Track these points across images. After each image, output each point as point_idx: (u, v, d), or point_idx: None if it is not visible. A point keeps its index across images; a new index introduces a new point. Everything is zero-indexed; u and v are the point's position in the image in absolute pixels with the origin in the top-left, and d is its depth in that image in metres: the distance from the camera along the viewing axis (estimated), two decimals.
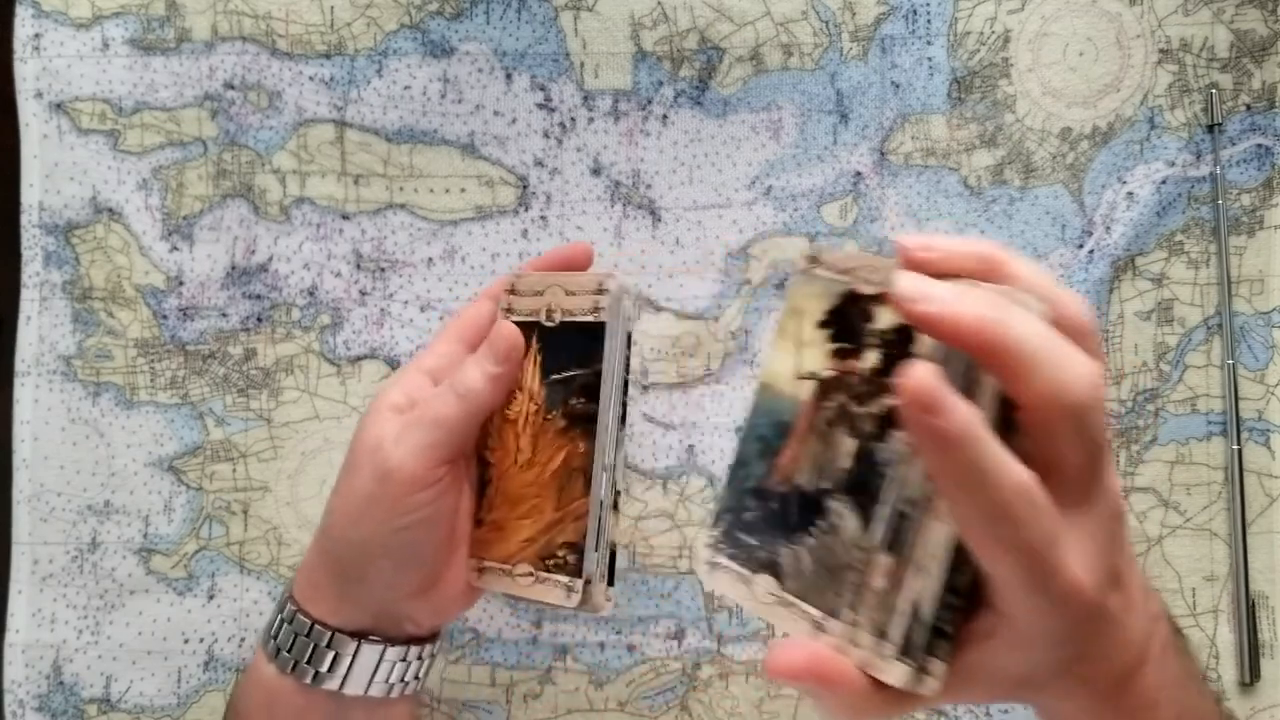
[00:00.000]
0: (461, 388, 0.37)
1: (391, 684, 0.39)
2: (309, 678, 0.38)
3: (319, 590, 0.38)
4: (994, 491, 0.26)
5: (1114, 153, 0.48)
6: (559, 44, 0.48)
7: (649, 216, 0.49)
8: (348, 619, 0.38)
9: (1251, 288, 0.48)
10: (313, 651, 0.38)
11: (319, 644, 0.38)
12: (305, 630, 0.38)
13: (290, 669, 0.38)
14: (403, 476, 0.36)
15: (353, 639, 0.38)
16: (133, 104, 0.49)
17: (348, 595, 0.38)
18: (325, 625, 0.38)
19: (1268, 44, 0.48)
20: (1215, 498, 0.47)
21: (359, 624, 0.38)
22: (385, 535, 0.37)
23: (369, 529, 0.37)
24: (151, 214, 0.49)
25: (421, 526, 0.37)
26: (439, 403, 0.37)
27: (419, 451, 0.36)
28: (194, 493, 0.49)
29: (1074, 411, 0.27)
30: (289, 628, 0.38)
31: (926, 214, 0.48)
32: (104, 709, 0.48)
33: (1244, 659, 0.46)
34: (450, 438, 0.36)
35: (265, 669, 0.39)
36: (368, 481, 0.37)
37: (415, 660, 0.39)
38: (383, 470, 0.36)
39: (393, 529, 0.36)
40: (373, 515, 0.37)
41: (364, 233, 0.49)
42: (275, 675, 0.38)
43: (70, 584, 0.48)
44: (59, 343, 0.49)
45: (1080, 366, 0.27)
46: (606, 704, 0.48)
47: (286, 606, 0.39)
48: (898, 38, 0.48)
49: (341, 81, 0.49)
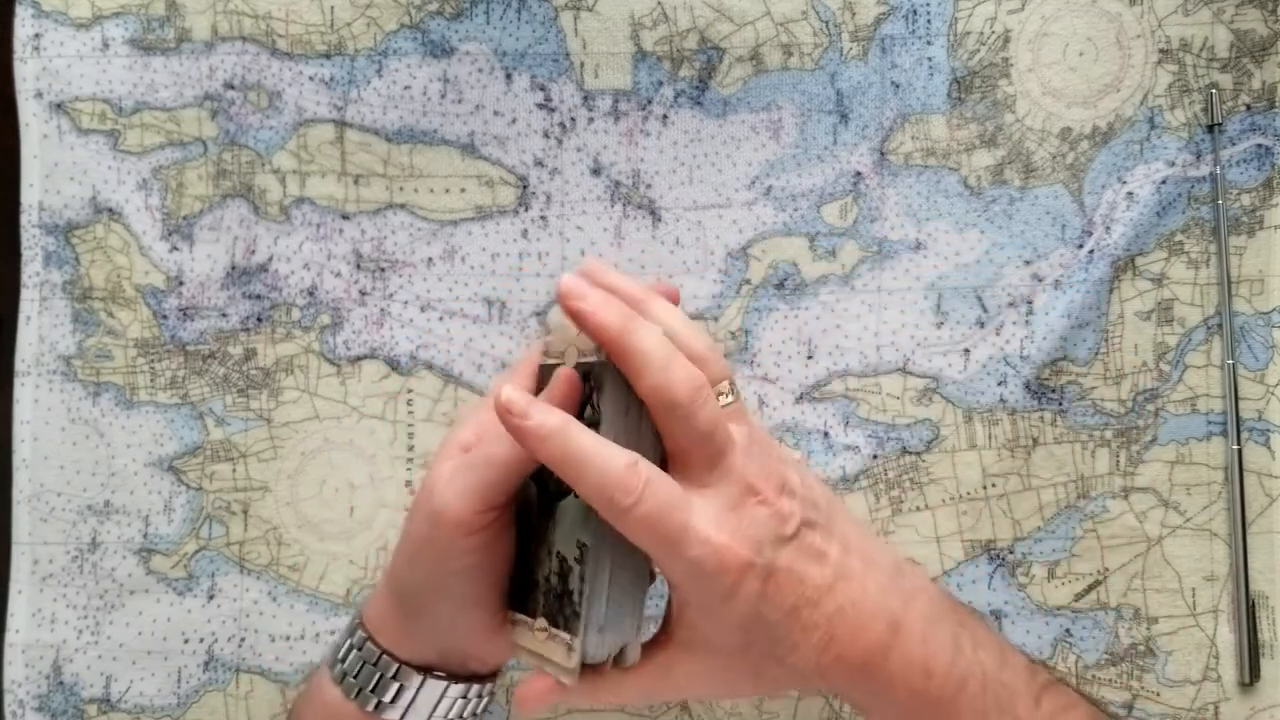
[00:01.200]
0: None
1: (450, 718, 0.39)
2: (371, 705, 0.38)
3: (386, 622, 0.38)
4: (596, 470, 0.32)
5: (1114, 153, 0.48)
6: (559, 44, 0.48)
7: (649, 216, 0.49)
8: (414, 653, 0.38)
9: (1251, 288, 0.48)
10: (379, 681, 0.38)
11: (385, 674, 0.38)
12: (374, 659, 0.38)
13: (354, 695, 0.38)
14: (450, 519, 0.35)
15: (419, 673, 0.38)
16: (133, 104, 0.49)
17: (412, 631, 0.38)
18: (393, 657, 0.38)
19: (1268, 44, 0.48)
20: (1215, 498, 0.47)
21: (425, 659, 0.38)
22: (440, 578, 0.36)
23: (423, 572, 0.37)
24: (151, 214, 0.49)
25: (476, 571, 0.36)
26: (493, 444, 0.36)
27: (467, 494, 0.35)
28: (194, 493, 0.49)
29: (675, 407, 0.33)
30: (357, 654, 0.38)
31: (926, 214, 0.48)
32: (104, 709, 0.48)
33: (1244, 659, 0.46)
34: (501, 480, 0.35)
35: (329, 691, 0.39)
36: (421, 524, 0.36)
37: (475, 698, 0.39)
38: (432, 512, 0.36)
39: (447, 572, 0.36)
40: (425, 558, 0.36)
41: (364, 233, 0.49)
42: (339, 699, 0.38)
43: (70, 584, 0.48)
44: (59, 343, 0.49)
45: (681, 371, 0.33)
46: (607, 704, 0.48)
47: (357, 633, 0.39)
48: (898, 38, 0.48)
49: (341, 81, 0.49)
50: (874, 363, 0.48)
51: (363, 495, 0.49)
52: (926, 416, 0.48)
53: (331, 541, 0.48)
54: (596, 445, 0.33)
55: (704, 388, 0.34)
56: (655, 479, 0.33)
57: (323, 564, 0.48)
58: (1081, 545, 0.47)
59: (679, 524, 0.33)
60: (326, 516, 0.49)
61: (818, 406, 0.48)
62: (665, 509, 0.32)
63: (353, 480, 0.49)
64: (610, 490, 0.32)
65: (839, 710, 0.48)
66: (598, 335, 0.34)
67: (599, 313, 0.34)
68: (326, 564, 0.48)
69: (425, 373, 0.49)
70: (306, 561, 0.49)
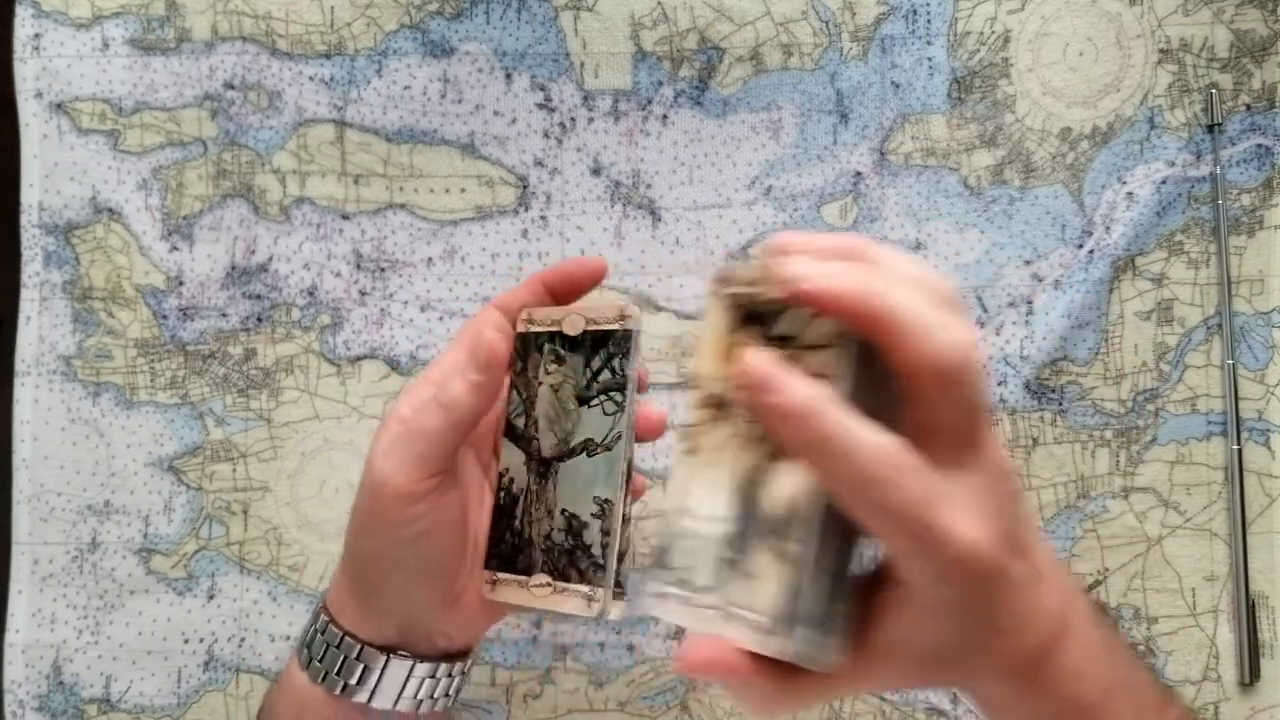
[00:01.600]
0: (445, 398, 0.36)
1: (420, 700, 0.39)
2: (339, 689, 0.38)
3: (346, 604, 0.38)
4: (852, 456, 0.27)
5: (1114, 153, 0.48)
6: (559, 44, 0.48)
7: (649, 216, 0.49)
8: (375, 632, 0.38)
9: (1251, 288, 0.48)
10: (343, 663, 0.38)
11: (349, 656, 0.38)
12: (336, 641, 0.38)
13: (321, 679, 0.38)
14: (391, 491, 0.36)
15: (382, 653, 0.38)
16: (133, 104, 0.49)
17: (370, 608, 0.38)
18: (355, 638, 0.38)
19: (1268, 44, 0.48)
20: (1215, 498, 0.47)
21: (386, 638, 0.38)
22: (389, 548, 0.37)
23: (373, 543, 0.37)
24: (151, 214, 0.49)
25: (423, 539, 0.37)
26: (424, 414, 0.36)
27: (404, 465, 0.36)
28: (194, 493, 0.49)
29: (945, 374, 0.28)
30: (321, 638, 0.38)
31: (926, 214, 0.48)
32: (104, 709, 0.48)
33: (1244, 659, 0.46)
34: (435, 449, 0.36)
35: (297, 676, 0.39)
36: (365, 496, 0.37)
37: (445, 677, 0.39)
38: (374, 484, 0.36)
39: (394, 542, 0.36)
40: (373, 530, 0.37)
41: (364, 233, 0.49)
42: (306, 684, 0.38)
43: (70, 584, 0.48)
44: (59, 343, 0.49)
45: (951, 332, 0.28)
46: (606, 704, 0.48)
47: (320, 617, 0.39)
48: (898, 38, 0.48)
49: (341, 81, 0.49)
50: None
51: None
52: None
53: (331, 541, 0.48)
54: (855, 429, 0.28)
55: (975, 349, 0.29)
56: (914, 466, 0.28)
57: (323, 564, 0.48)
58: (1081, 545, 0.47)
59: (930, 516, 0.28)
60: (326, 516, 0.49)
61: None
62: (921, 502, 0.28)
63: (353, 480, 0.49)
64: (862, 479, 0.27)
65: (839, 710, 0.48)
66: (840, 308, 0.28)
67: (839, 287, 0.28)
68: (326, 564, 0.48)
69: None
70: (306, 561, 0.49)
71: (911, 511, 0.28)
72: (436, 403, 0.36)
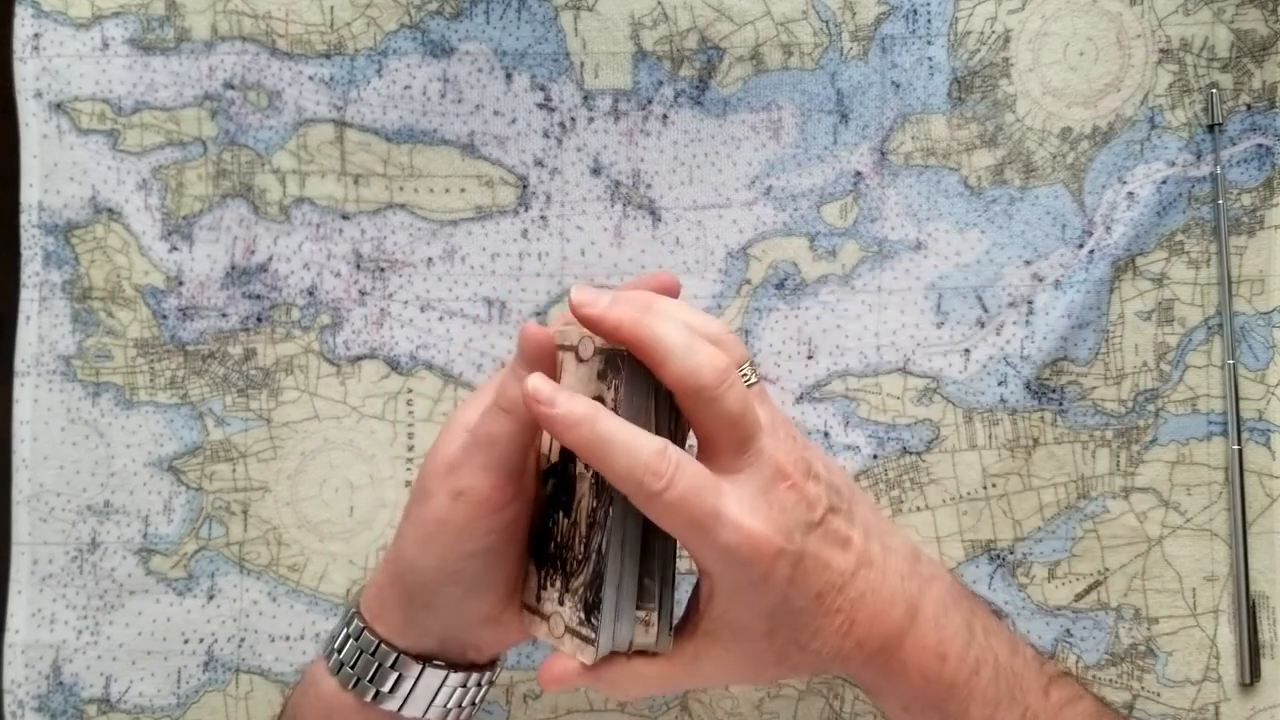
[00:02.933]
0: (505, 401, 0.35)
1: (449, 709, 0.39)
2: (370, 696, 0.37)
3: (386, 610, 0.38)
4: (625, 454, 0.32)
5: (1114, 153, 0.48)
6: (559, 44, 0.48)
7: (649, 216, 0.49)
8: (414, 642, 0.38)
9: (1252, 288, 0.47)
10: (376, 670, 0.37)
11: (383, 664, 0.37)
12: (371, 649, 0.38)
13: (352, 685, 0.38)
14: (474, 497, 0.35)
15: (417, 662, 0.37)
16: (132, 104, 0.49)
17: (415, 620, 0.38)
18: (391, 646, 0.38)
19: (1268, 44, 0.47)
20: (1215, 498, 0.47)
21: (424, 648, 0.38)
22: (455, 561, 0.36)
23: (438, 553, 0.36)
24: (151, 214, 0.49)
25: (491, 553, 0.36)
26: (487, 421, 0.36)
27: (483, 472, 0.35)
28: (194, 493, 0.49)
29: (702, 392, 0.33)
30: (354, 644, 0.38)
31: (926, 214, 0.48)
32: (104, 709, 0.48)
33: (1244, 659, 0.46)
34: (511, 454, 0.35)
35: (325, 682, 0.38)
36: (442, 504, 0.36)
37: (475, 687, 0.39)
38: (456, 490, 0.35)
39: (463, 554, 0.36)
40: (442, 539, 0.36)
41: (364, 233, 0.49)
42: (335, 689, 0.38)
43: (70, 584, 0.48)
44: (59, 343, 0.49)
45: (705, 354, 0.33)
46: (606, 704, 0.48)
47: (353, 622, 0.38)
48: (898, 37, 0.48)
49: (341, 81, 0.49)
50: (874, 363, 0.48)
51: (362, 495, 0.49)
52: (927, 416, 0.48)
53: (331, 541, 0.48)
54: (625, 431, 0.32)
55: (730, 369, 0.33)
56: (685, 463, 0.32)
57: (323, 564, 0.48)
58: (1082, 545, 0.47)
59: (711, 509, 0.32)
60: (326, 516, 0.49)
61: (818, 406, 0.48)
62: (697, 494, 0.32)
63: (353, 480, 0.49)
64: (640, 474, 0.32)
65: (839, 711, 0.48)
66: (615, 333, 0.34)
67: (611, 311, 0.33)
68: (326, 564, 0.48)
69: (425, 373, 0.49)
70: (306, 561, 0.48)
71: (685, 502, 0.32)
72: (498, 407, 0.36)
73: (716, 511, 0.32)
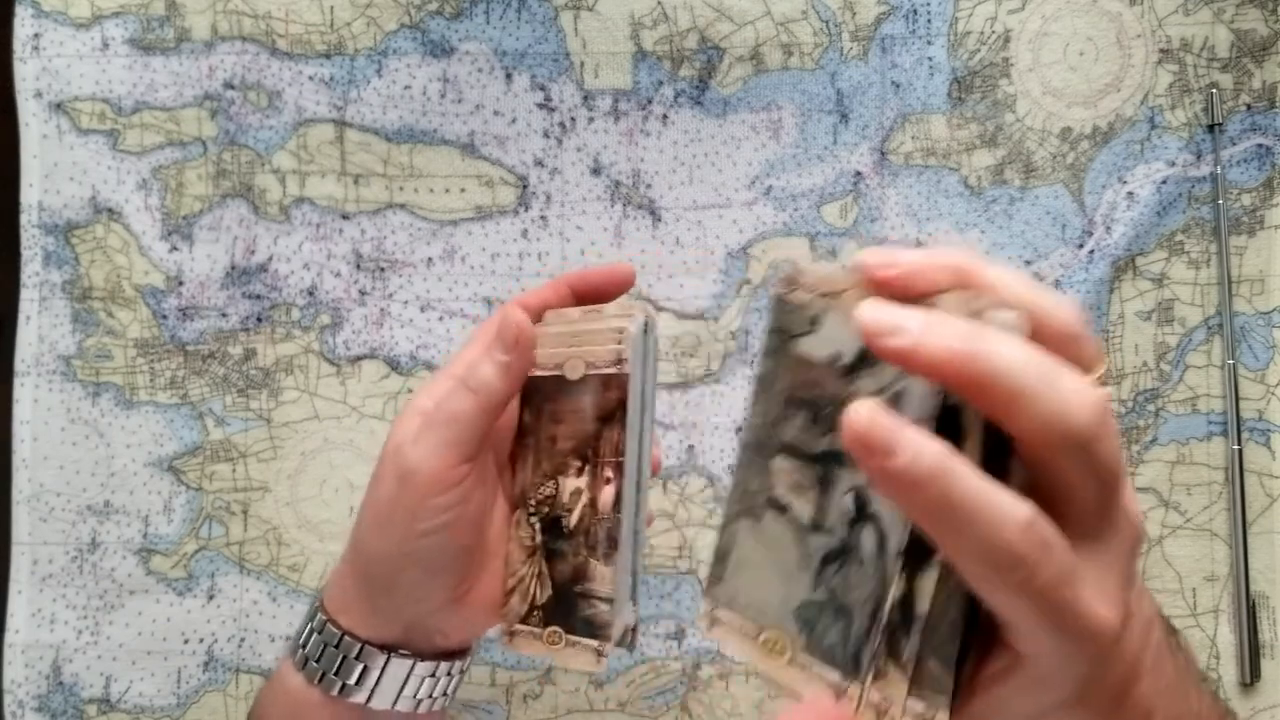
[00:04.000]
0: (474, 382, 0.36)
1: (420, 699, 0.38)
2: (336, 689, 0.37)
3: (349, 601, 0.38)
4: (985, 530, 0.24)
5: (1114, 152, 0.48)
6: (559, 44, 0.48)
7: (649, 216, 0.49)
8: (378, 631, 0.38)
9: (1252, 287, 0.47)
10: (341, 663, 0.37)
11: (348, 655, 0.37)
12: (335, 641, 0.37)
13: (318, 679, 0.37)
14: (422, 478, 0.35)
15: (382, 652, 0.37)
16: (132, 104, 0.49)
17: (378, 607, 0.38)
18: (355, 637, 0.37)
19: (1268, 44, 0.47)
20: (1216, 498, 0.47)
21: (389, 636, 0.38)
22: (410, 541, 0.36)
23: (394, 535, 0.36)
24: (151, 214, 0.49)
25: (446, 531, 0.36)
26: (453, 400, 0.36)
27: (436, 450, 0.35)
28: (194, 493, 0.49)
29: (1075, 441, 0.24)
30: (318, 638, 0.38)
31: (926, 214, 0.48)
32: (103, 709, 0.48)
33: (1244, 659, 0.46)
34: (467, 434, 0.36)
35: (292, 678, 0.38)
36: (390, 485, 0.36)
37: (445, 676, 0.39)
38: (403, 471, 0.36)
39: (417, 533, 0.36)
40: (396, 520, 0.36)
41: (364, 233, 0.49)
42: (302, 685, 0.38)
43: (70, 584, 0.48)
44: (59, 343, 0.49)
45: (1076, 392, 0.24)
46: (606, 704, 0.48)
47: (317, 616, 0.38)
48: (898, 37, 0.48)
49: (341, 81, 0.49)
50: None
51: (362, 495, 0.49)
52: None
53: (331, 541, 0.48)
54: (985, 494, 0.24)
55: (1107, 408, 0.25)
56: (1054, 540, 0.24)
57: (323, 564, 0.48)
58: None
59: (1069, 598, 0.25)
60: (326, 516, 0.49)
61: None
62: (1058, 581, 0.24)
63: (353, 480, 0.49)
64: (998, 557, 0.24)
65: None
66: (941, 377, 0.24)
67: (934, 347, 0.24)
68: (326, 564, 0.48)
69: (425, 373, 0.49)
70: (306, 561, 0.48)
71: (1048, 591, 0.24)
72: (465, 387, 0.36)
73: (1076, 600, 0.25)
